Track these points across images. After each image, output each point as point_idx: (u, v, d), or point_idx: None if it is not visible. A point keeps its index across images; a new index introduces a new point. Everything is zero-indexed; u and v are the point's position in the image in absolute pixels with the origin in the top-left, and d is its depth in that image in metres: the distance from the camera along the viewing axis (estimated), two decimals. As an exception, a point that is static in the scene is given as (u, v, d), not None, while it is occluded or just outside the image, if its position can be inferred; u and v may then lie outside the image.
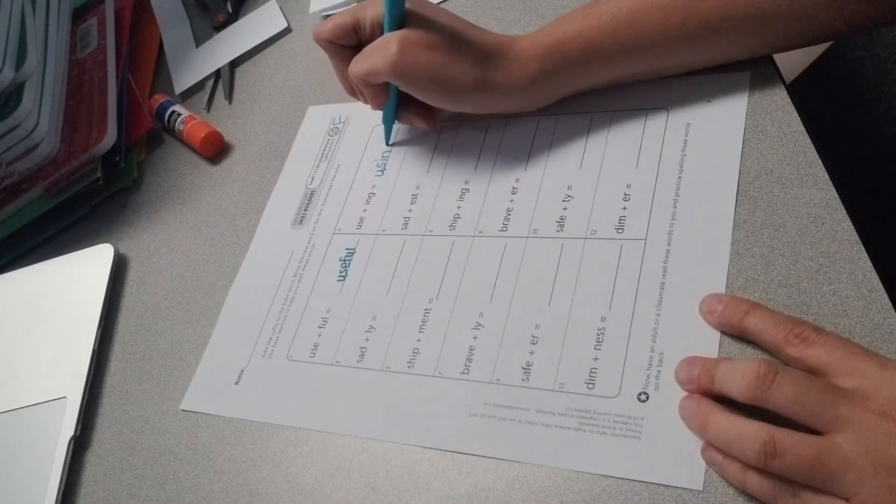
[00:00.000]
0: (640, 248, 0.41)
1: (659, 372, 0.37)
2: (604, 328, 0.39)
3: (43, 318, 0.56)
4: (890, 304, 0.35)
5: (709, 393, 0.35)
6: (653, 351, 0.37)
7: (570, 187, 0.45)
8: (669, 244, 0.40)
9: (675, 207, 0.41)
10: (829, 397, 0.31)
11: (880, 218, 0.49)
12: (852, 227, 0.37)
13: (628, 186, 0.43)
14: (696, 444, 0.34)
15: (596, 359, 0.38)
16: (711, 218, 0.40)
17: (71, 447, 0.47)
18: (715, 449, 0.33)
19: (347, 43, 0.47)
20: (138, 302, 0.55)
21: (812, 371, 0.32)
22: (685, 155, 0.43)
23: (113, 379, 0.51)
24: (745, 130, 0.42)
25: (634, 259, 0.41)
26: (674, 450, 0.35)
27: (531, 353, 0.40)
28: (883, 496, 0.29)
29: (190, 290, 0.53)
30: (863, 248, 0.37)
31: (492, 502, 0.37)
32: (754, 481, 0.32)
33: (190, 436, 0.46)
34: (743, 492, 0.33)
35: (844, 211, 0.38)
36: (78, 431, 0.48)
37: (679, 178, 0.42)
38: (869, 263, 0.36)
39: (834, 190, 0.39)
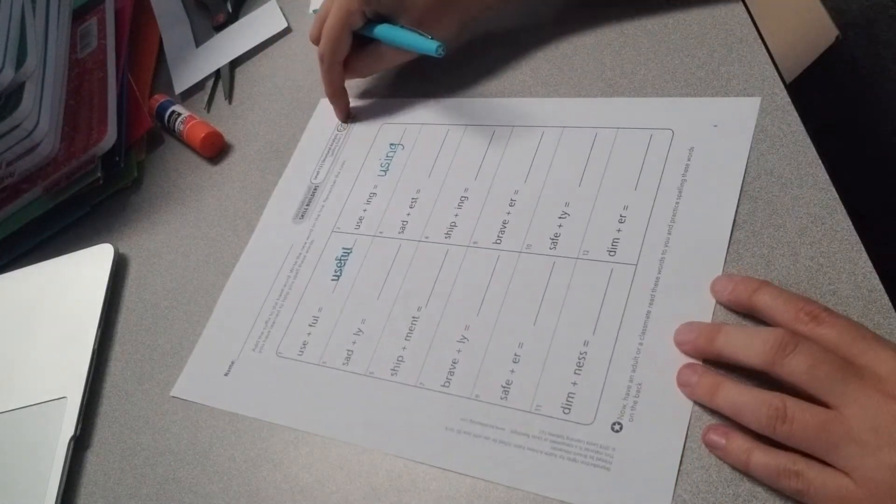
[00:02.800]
0: (630, 274, 0.40)
1: (635, 402, 0.36)
2: (586, 352, 0.39)
3: (43, 318, 0.56)
4: (890, 304, 0.35)
5: (706, 355, 0.35)
6: (631, 381, 0.37)
7: (567, 204, 0.44)
8: (660, 272, 0.40)
9: (669, 234, 0.41)
10: (841, 372, 0.31)
11: (880, 218, 0.49)
12: (852, 227, 0.37)
13: (625, 208, 0.42)
14: (664, 480, 0.34)
15: (574, 383, 0.38)
16: (704, 249, 0.39)
17: (71, 447, 0.47)
18: (716, 433, 0.34)
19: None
20: (138, 302, 0.55)
21: None
22: (685, 180, 0.42)
23: (113, 379, 0.51)
24: (748, 160, 0.41)
25: (623, 284, 0.40)
26: (641, 484, 0.34)
27: (512, 371, 0.40)
28: (883, 472, 0.29)
29: (190, 290, 0.53)
30: (863, 248, 0.37)
31: (492, 502, 0.37)
32: (759, 459, 0.32)
33: (190, 436, 0.46)
34: (746, 474, 0.33)
35: (844, 211, 0.38)
36: (78, 431, 0.48)
37: (677, 203, 0.41)
38: (869, 263, 0.36)
39: (834, 190, 0.39)
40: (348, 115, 0.56)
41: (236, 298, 0.50)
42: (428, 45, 0.48)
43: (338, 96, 0.55)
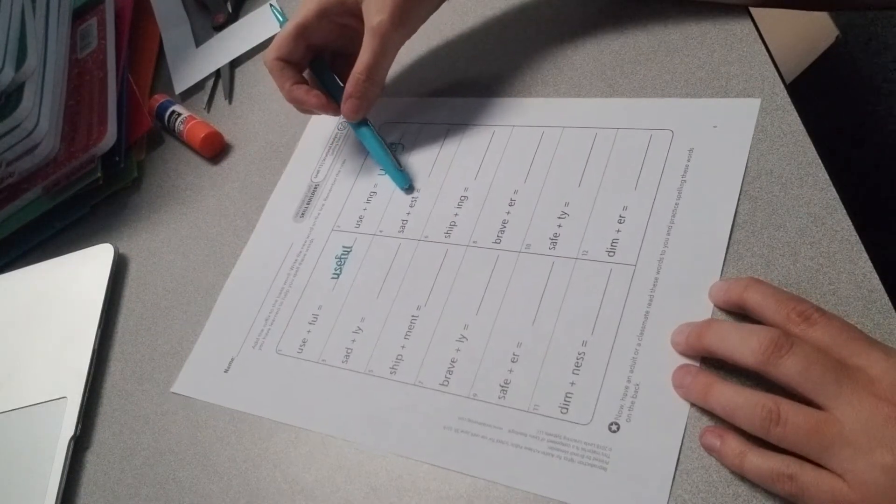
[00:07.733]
0: (629, 274, 0.40)
1: (633, 403, 0.36)
2: (584, 353, 0.39)
3: (43, 318, 0.56)
4: (890, 304, 0.35)
5: (698, 352, 0.36)
6: (629, 381, 0.37)
7: (567, 204, 0.44)
8: (658, 272, 0.40)
9: (668, 235, 0.41)
10: (835, 374, 0.31)
11: (880, 218, 0.50)
12: (852, 227, 0.37)
13: (624, 209, 0.42)
14: (661, 480, 0.34)
15: (573, 383, 0.38)
16: (703, 250, 0.39)
17: (71, 447, 0.47)
18: (713, 434, 0.34)
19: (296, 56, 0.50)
20: (138, 302, 0.55)
21: None
22: (685, 181, 0.42)
23: (113, 379, 0.51)
24: (748, 160, 0.41)
25: (622, 285, 0.40)
26: (638, 484, 0.34)
27: (510, 370, 0.40)
28: (876, 473, 0.29)
29: (190, 290, 0.53)
30: (863, 248, 0.37)
31: (492, 502, 0.37)
32: (753, 462, 0.32)
33: (190, 435, 0.46)
34: (741, 476, 0.33)
35: (844, 211, 0.38)
36: (78, 431, 0.48)
37: (676, 204, 0.41)
38: (869, 263, 0.36)
39: (834, 190, 0.39)
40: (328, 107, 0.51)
41: (236, 296, 0.50)
42: (399, 178, 0.49)
43: (297, 100, 0.51)
